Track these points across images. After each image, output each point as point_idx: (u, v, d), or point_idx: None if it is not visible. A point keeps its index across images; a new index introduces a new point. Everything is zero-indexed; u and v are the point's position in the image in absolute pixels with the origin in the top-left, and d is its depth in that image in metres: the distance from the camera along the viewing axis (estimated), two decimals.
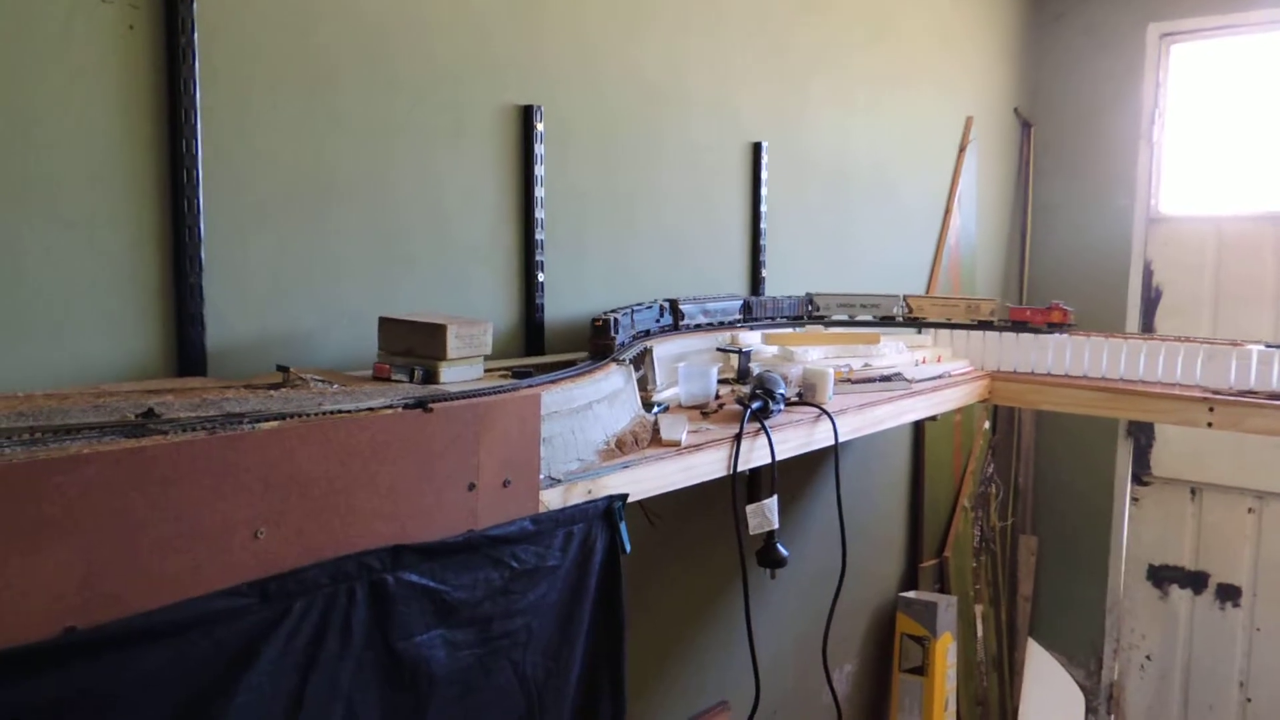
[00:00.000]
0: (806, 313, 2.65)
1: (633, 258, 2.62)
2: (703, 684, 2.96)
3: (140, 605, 1.06)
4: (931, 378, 2.70)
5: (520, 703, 1.48)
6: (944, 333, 3.07)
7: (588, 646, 1.61)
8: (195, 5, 1.64)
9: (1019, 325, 2.99)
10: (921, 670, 3.57)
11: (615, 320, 1.98)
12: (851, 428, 2.26)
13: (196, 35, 1.64)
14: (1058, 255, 4.63)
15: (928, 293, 3.93)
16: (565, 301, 2.41)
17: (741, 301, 2.47)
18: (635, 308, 2.23)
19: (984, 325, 2.99)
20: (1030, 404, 3.04)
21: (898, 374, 2.60)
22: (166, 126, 1.65)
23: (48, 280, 1.53)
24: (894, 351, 2.83)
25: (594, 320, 1.96)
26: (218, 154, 1.71)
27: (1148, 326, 4.44)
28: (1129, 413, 3.04)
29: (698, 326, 2.47)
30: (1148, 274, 4.47)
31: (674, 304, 2.41)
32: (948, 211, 4.05)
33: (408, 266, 2.06)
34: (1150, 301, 4.46)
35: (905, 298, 2.87)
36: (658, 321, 2.34)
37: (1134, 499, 4.55)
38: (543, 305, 2.32)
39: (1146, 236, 4.46)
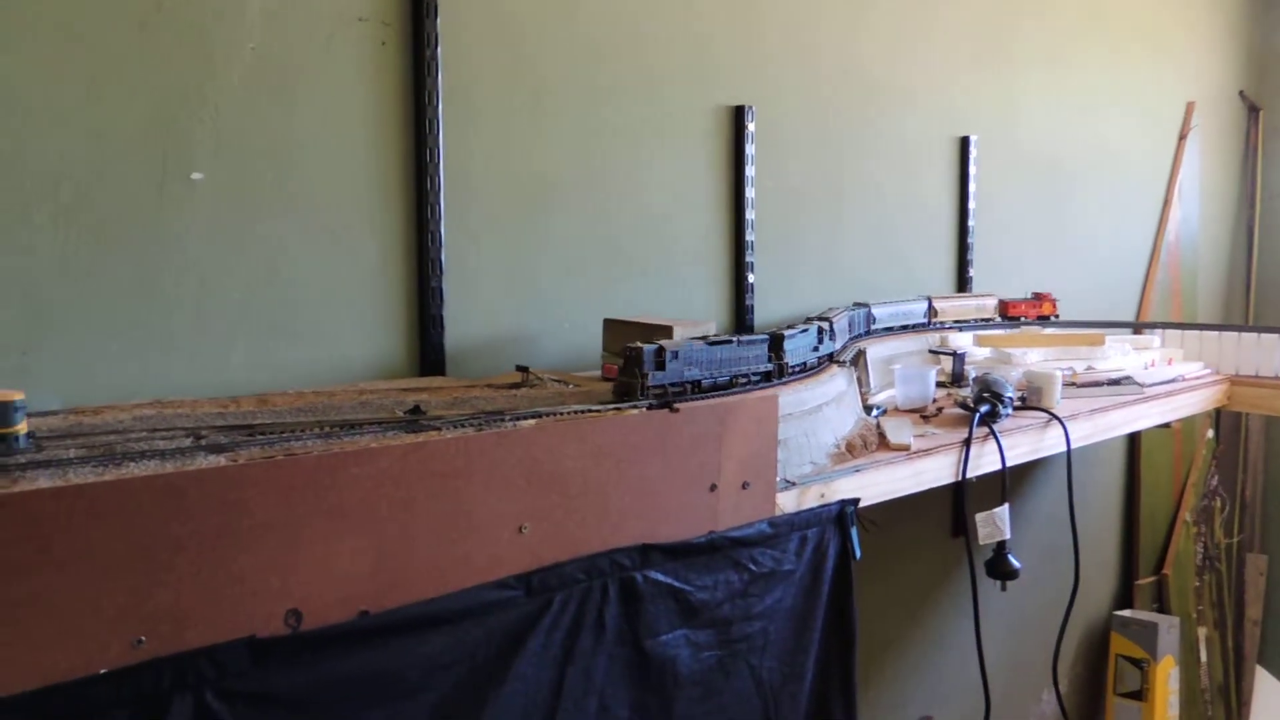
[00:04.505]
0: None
1: (837, 257, 2.57)
2: (905, 697, 2.87)
3: (421, 593, 1.11)
4: (1164, 381, 2.51)
5: (758, 707, 1.47)
6: (1173, 333, 2.86)
7: (820, 653, 1.57)
8: (439, 20, 1.71)
9: (1011, 320, 2.77)
10: (1140, 695, 3.33)
11: (654, 351, 1.41)
12: (1083, 434, 2.13)
13: (440, 50, 1.72)
14: None
15: (1144, 292, 3.67)
16: (772, 302, 2.38)
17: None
18: (711, 340, 1.55)
19: (985, 323, 2.77)
20: (1276, 410, 2.78)
21: (1127, 377, 2.44)
22: (412, 137, 1.73)
23: (311, 286, 1.63)
24: (1119, 353, 2.65)
25: (625, 349, 1.43)
26: (455, 162, 1.79)
27: None
28: None
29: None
30: None
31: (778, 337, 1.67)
32: (1167, 203, 3.77)
33: (624, 267, 2.09)
34: None
35: (930, 300, 2.60)
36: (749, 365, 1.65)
37: None
38: (753, 306, 2.30)
39: None
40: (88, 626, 0.89)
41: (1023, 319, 2.81)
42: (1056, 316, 2.84)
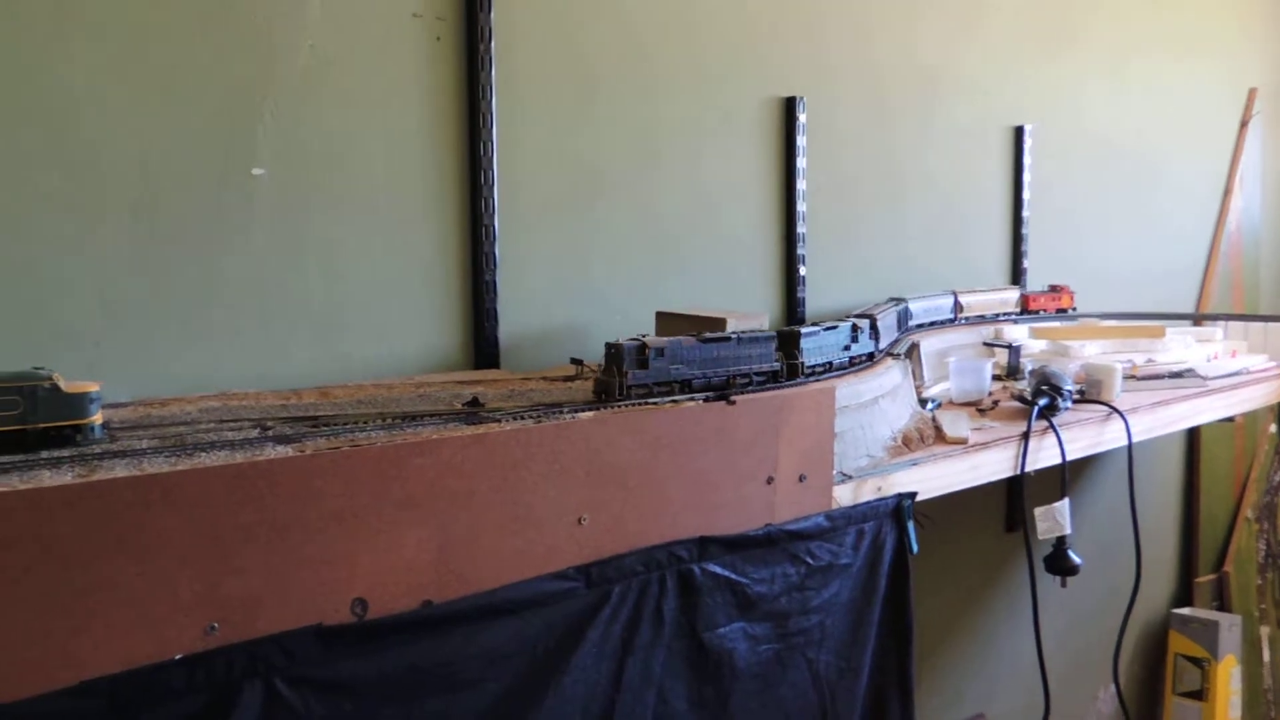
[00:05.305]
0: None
1: (888, 248, 2.54)
2: (959, 694, 2.84)
3: (482, 584, 1.12)
4: (1228, 374, 2.45)
5: (814, 701, 1.46)
6: (1236, 325, 2.80)
7: (877, 648, 1.56)
8: (493, 15, 1.72)
9: (1030, 314, 2.67)
10: (1200, 695, 3.26)
11: (635, 349, 1.34)
12: (1144, 428, 2.09)
13: (494, 44, 1.73)
14: None
15: (1205, 282, 3.59)
16: (825, 295, 2.36)
17: None
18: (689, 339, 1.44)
19: (1006, 316, 2.67)
20: None
21: (1189, 370, 2.39)
22: (466, 131, 1.74)
23: (367, 278, 1.65)
24: (1180, 346, 2.59)
25: (606, 345, 1.35)
26: (508, 156, 1.79)
27: None
28: None
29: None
30: None
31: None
32: (1227, 193, 3.68)
33: (675, 260, 2.08)
34: None
35: (955, 295, 2.53)
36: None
37: None
38: (804, 299, 2.29)
39: None
40: (163, 612, 0.91)
41: (1041, 312, 2.76)
42: (1074, 309, 2.78)
